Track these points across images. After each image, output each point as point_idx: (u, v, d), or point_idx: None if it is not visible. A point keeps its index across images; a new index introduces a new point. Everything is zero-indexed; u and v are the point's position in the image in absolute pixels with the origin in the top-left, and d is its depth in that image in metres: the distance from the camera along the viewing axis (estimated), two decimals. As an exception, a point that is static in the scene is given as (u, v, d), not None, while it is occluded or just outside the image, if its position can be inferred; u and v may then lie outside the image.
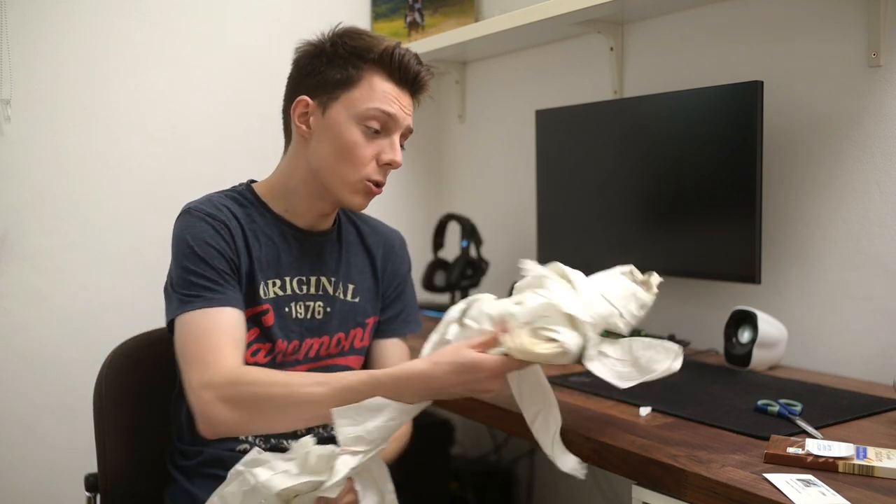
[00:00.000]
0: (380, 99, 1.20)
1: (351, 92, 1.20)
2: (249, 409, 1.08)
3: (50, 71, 1.90)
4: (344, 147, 1.21)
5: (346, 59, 1.21)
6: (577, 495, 2.12)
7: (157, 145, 2.04)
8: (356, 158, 1.21)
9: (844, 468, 0.97)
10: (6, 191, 1.86)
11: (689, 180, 1.63)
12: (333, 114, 1.21)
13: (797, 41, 1.57)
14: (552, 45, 2.14)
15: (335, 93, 1.21)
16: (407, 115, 1.25)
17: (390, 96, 1.21)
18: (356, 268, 1.35)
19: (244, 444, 1.23)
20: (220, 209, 1.23)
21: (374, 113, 1.20)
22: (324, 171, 1.23)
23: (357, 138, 1.20)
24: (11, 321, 1.88)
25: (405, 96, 1.25)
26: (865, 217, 1.48)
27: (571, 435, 1.16)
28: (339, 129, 1.21)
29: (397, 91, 1.23)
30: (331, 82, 1.21)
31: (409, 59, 1.23)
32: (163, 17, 2.05)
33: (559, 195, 1.96)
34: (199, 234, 1.19)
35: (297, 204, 1.27)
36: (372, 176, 1.23)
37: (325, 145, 1.22)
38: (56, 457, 1.91)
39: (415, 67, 1.23)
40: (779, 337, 1.51)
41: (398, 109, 1.22)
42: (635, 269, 1.14)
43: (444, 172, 2.62)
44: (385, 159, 1.23)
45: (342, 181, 1.22)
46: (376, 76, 1.21)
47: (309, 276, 1.28)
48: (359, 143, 1.21)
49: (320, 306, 1.29)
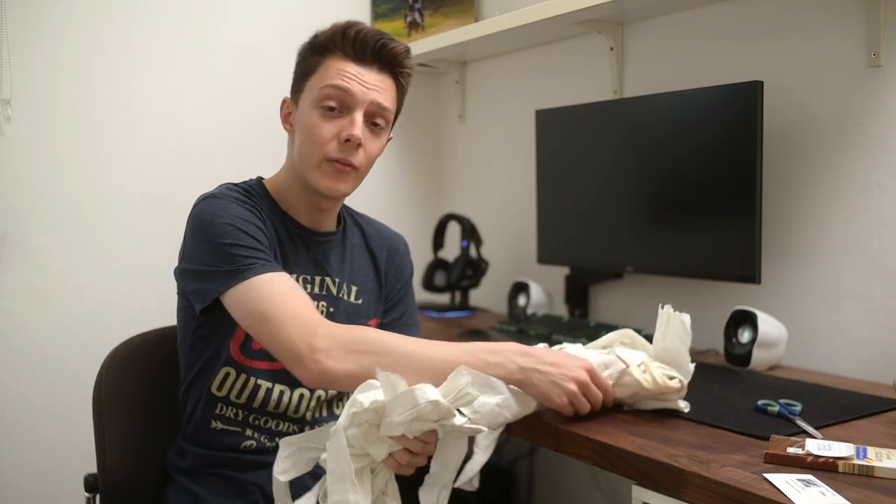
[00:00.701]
0: (332, 76, 1.21)
1: (311, 79, 1.24)
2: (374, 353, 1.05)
3: (50, 71, 1.90)
4: (306, 132, 1.22)
5: (310, 53, 1.25)
6: (577, 495, 2.12)
7: (157, 145, 2.04)
8: (316, 139, 1.21)
9: (844, 468, 0.97)
10: (6, 191, 1.86)
11: (689, 180, 1.63)
12: (301, 105, 1.25)
13: (797, 41, 1.57)
14: (552, 45, 2.14)
15: (301, 85, 1.25)
16: (368, 90, 1.22)
17: (346, 73, 1.21)
18: (360, 270, 1.35)
19: (250, 441, 1.23)
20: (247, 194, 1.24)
21: (328, 91, 1.21)
22: (297, 161, 1.25)
23: (315, 120, 1.21)
24: (11, 321, 1.88)
25: (369, 72, 1.23)
26: (865, 217, 1.48)
27: (572, 435, 1.16)
28: (303, 117, 1.23)
29: (357, 67, 1.22)
30: (299, 77, 1.27)
31: (366, 34, 1.23)
32: (163, 17, 2.05)
33: (559, 195, 1.96)
34: (235, 213, 1.18)
35: (295, 200, 1.29)
36: (331, 154, 1.21)
37: (298, 137, 1.25)
38: (56, 457, 1.91)
39: (374, 40, 1.22)
40: (779, 337, 1.51)
41: (355, 84, 1.21)
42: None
43: (444, 172, 2.62)
44: (344, 135, 1.21)
45: (308, 165, 1.23)
46: (335, 58, 1.23)
47: (314, 276, 1.29)
48: (317, 125, 1.21)
49: (324, 306, 1.29)
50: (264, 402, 1.23)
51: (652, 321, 1.23)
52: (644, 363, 1.19)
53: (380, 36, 1.23)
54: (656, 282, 1.88)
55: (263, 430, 1.24)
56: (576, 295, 2.02)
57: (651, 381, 1.17)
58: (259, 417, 1.24)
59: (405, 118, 2.54)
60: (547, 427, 1.20)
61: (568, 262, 1.99)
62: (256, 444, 1.24)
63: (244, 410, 1.24)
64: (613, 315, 2.00)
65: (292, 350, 1.06)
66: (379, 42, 1.23)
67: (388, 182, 2.51)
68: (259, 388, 1.23)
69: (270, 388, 1.23)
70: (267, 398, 1.23)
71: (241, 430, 1.24)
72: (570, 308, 2.04)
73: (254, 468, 1.23)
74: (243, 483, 1.22)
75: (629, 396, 1.21)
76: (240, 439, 1.23)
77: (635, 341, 1.27)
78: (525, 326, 1.87)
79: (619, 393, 1.21)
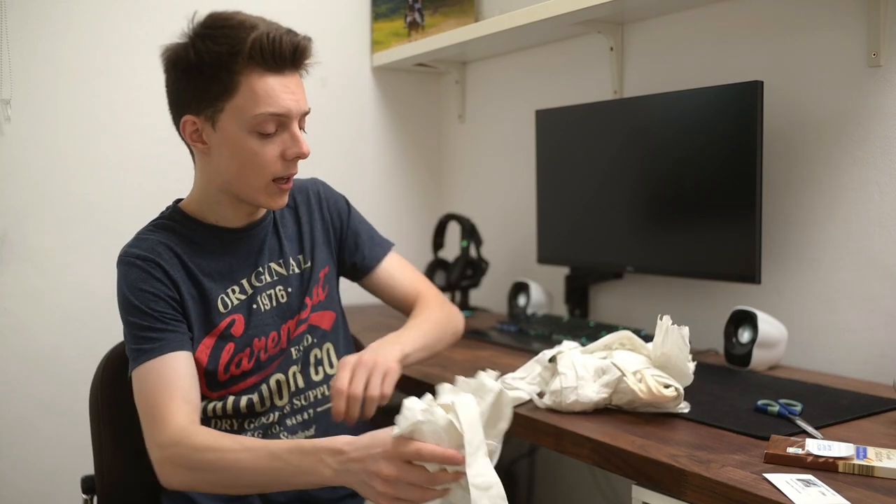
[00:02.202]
0: (265, 101, 1.13)
1: (233, 100, 1.14)
2: (193, 470, 1.08)
3: (50, 71, 1.90)
4: (245, 158, 1.16)
5: (216, 66, 1.12)
6: (577, 495, 2.12)
7: (157, 145, 2.04)
8: (260, 165, 1.17)
9: (844, 468, 0.97)
10: (6, 191, 1.86)
11: (689, 180, 1.63)
12: (224, 126, 1.15)
13: (797, 41, 1.57)
14: (552, 45, 2.14)
15: (217, 105, 1.14)
16: (298, 101, 1.17)
17: (275, 92, 1.14)
18: (295, 236, 1.34)
19: None
20: (149, 247, 1.21)
21: (264, 118, 1.14)
22: (233, 183, 1.20)
23: (254, 146, 1.16)
24: (11, 321, 1.88)
25: (290, 79, 1.16)
26: (865, 217, 1.48)
27: (572, 435, 1.16)
28: (235, 143, 1.16)
29: (280, 80, 1.15)
30: (209, 95, 1.14)
31: (280, 40, 1.13)
32: (163, 17, 2.05)
33: (559, 195, 1.96)
34: (132, 282, 1.19)
35: (224, 212, 1.25)
36: (279, 174, 1.19)
37: (227, 158, 1.18)
38: (54, 457, 1.91)
39: (288, 45, 1.14)
40: (779, 337, 1.51)
41: (288, 101, 1.15)
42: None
43: (444, 172, 2.62)
44: (290, 154, 1.18)
45: (252, 189, 1.20)
46: (252, 75, 1.13)
47: (262, 266, 1.29)
48: (258, 151, 1.16)
49: (281, 289, 1.29)
50: (251, 409, 1.25)
51: (652, 321, 1.24)
52: (640, 371, 1.20)
53: (289, 37, 1.15)
54: (656, 282, 1.88)
55: (257, 427, 1.25)
56: (576, 295, 2.02)
57: (646, 390, 1.18)
58: (253, 421, 1.25)
59: (405, 118, 2.56)
60: (547, 427, 1.21)
61: (568, 262, 1.99)
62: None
63: (237, 419, 1.25)
64: (613, 315, 2.00)
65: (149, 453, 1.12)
66: (292, 44, 1.14)
67: (388, 182, 2.51)
68: (240, 401, 1.24)
69: (251, 398, 1.25)
70: (250, 405, 1.24)
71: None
72: (570, 308, 2.04)
73: None
74: None
75: (626, 403, 1.22)
76: None
77: (634, 343, 1.27)
78: (525, 326, 1.87)
79: (616, 399, 1.22)
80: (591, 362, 1.24)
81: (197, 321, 1.21)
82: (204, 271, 1.23)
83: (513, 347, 1.73)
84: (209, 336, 1.21)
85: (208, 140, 1.18)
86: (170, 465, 1.09)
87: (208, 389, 1.23)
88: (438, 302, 1.42)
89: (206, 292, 1.22)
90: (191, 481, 1.09)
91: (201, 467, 1.06)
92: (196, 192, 1.27)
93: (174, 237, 1.23)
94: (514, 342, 1.76)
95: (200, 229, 1.25)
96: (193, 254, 1.23)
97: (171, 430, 1.09)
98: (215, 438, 1.08)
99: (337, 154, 2.36)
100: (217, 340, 1.22)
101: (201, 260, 1.23)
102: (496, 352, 1.67)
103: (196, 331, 1.21)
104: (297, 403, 1.28)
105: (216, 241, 1.25)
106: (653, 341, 1.22)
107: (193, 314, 1.21)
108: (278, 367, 1.27)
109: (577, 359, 1.25)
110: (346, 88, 2.39)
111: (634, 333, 1.30)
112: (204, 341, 1.21)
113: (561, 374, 1.24)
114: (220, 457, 1.05)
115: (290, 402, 1.28)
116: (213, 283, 1.23)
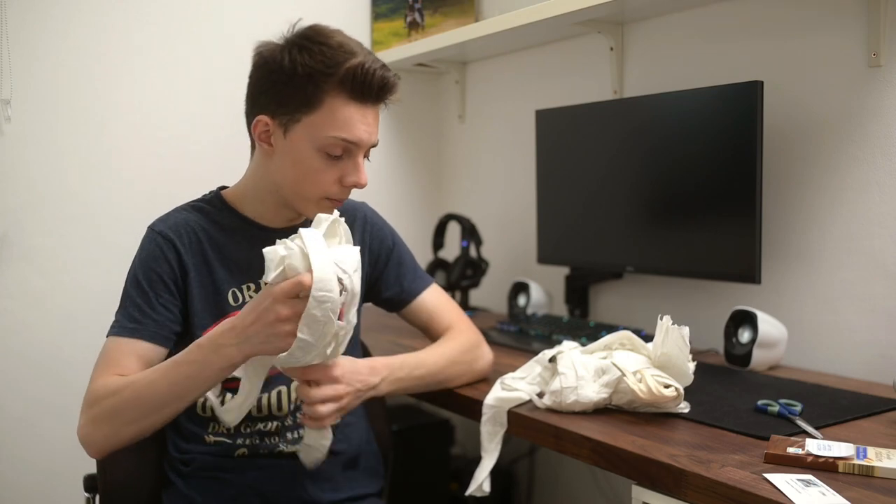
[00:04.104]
0: (341, 127, 1.16)
1: (312, 116, 1.16)
2: (113, 417, 1.11)
3: (50, 71, 1.90)
4: (305, 171, 1.19)
5: (306, 79, 1.15)
6: (576, 495, 2.12)
7: (157, 145, 2.04)
8: (317, 182, 1.20)
9: (844, 468, 0.97)
10: (6, 191, 1.86)
11: (689, 180, 1.63)
12: (295, 137, 1.18)
13: (797, 41, 1.57)
14: (552, 45, 2.14)
15: (295, 115, 1.17)
16: (371, 134, 1.20)
17: (353, 120, 1.17)
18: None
19: (242, 450, 1.24)
20: (174, 225, 1.24)
21: (336, 141, 1.17)
22: (285, 188, 1.23)
23: (318, 164, 1.18)
24: (11, 321, 1.88)
25: (369, 111, 1.19)
26: (865, 217, 1.48)
27: (572, 435, 1.16)
28: (301, 154, 1.18)
29: (361, 110, 1.18)
30: (290, 104, 1.17)
31: (373, 74, 1.16)
32: (163, 17, 2.05)
33: (559, 195, 1.96)
34: (145, 257, 1.22)
35: (266, 210, 1.28)
36: (331, 195, 1.21)
37: (288, 165, 1.20)
38: (56, 456, 1.91)
39: (379, 81, 1.17)
40: (779, 337, 1.51)
41: (362, 132, 1.18)
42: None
43: (444, 172, 2.62)
44: (349, 182, 1.21)
45: (302, 198, 1.22)
46: (338, 98, 1.16)
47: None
48: (320, 169, 1.19)
49: None
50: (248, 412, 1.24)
51: (652, 321, 1.24)
52: (640, 371, 1.20)
53: (383, 74, 1.17)
54: (656, 282, 1.88)
55: (254, 433, 1.25)
56: (576, 295, 2.02)
57: (646, 390, 1.18)
58: (248, 426, 1.25)
59: (405, 118, 2.56)
60: (547, 427, 1.21)
61: (568, 262, 1.99)
62: (249, 451, 1.25)
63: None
64: (613, 315, 2.00)
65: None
66: (382, 80, 1.17)
67: (388, 182, 2.51)
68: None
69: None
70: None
71: (232, 441, 1.25)
72: (570, 308, 2.04)
73: (248, 469, 1.24)
74: (239, 486, 1.22)
75: (626, 403, 1.22)
76: (233, 449, 1.24)
77: (634, 343, 1.27)
78: (525, 326, 1.87)
79: (616, 399, 1.23)
80: (591, 362, 1.24)
81: (205, 307, 1.23)
82: (222, 260, 1.24)
83: (513, 347, 1.73)
84: (216, 323, 1.21)
85: (275, 143, 1.20)
86: (91, 425, 1.13)
87: None
88: (466, 338, 1.42)
89: (217, 283, 1.24)
90: (115, 432, 1.12)
91: (120, 408, 1.11)
92: (243, 184, 1.30)
93: (205, 220, 1.26)
94: (514, 342, 1.76)
95: (234, 219, 1.27)
96: (218, 241, 1.25)
97: (89, 393, 1.15)
98: (126, 378, 1.14)
99: (337, 154, 2.36)
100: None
101: (224, 248, 1.25)
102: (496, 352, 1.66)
103: (201, 316, 1.23)
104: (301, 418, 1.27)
105: (245, 234, 1.27)
106: (653, 341, 1.23)
107: (200, 300, 1.23)
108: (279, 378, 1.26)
109: (577, 359, 1.25)
110: (346, 88, 2.39)
111: (634, 333, 1.30)
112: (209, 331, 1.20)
113: (561, 374, 1.24)
114: (133, 388, 1.10)
115: (293, 415, 1.27)
116: (229, 274, 1.25)
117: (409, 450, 1.92)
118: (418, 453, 2.00)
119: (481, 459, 1.30)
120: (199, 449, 1.25)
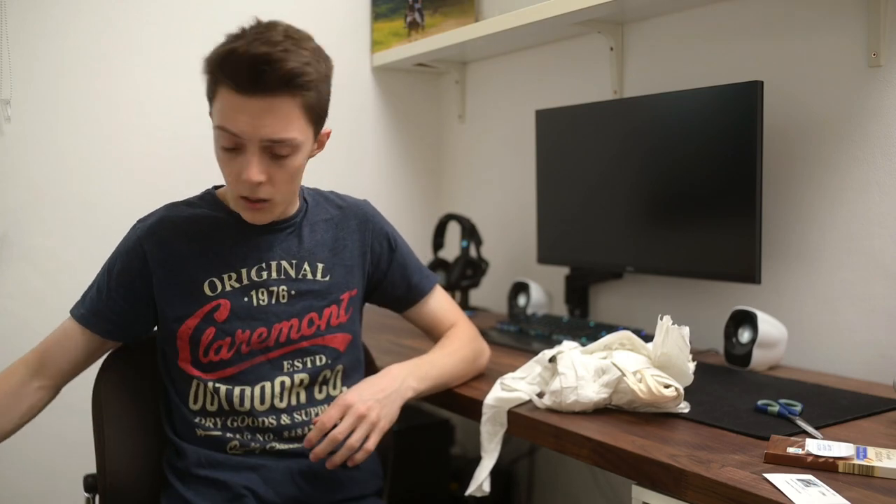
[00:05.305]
0: (223, 117, 1.13)
1: (212, 107, 1.18)
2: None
3: (50, 71, 1.90)
4: (219, 166, 1.21)
5: (206, 68, 1.16)
6: (576, 495, 2.12)
7: (157, 145, 2.04)
8: (226, 177, 1.21)
9: (844, 468, 0.97)
10: (6, 191, 1.86)
11: (689, 180, 1.63)
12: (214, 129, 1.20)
13: (797, 41, 1.57)
14: (552, 45, 2.14)
15: (210, 105, 1.19)
16: (257, 127, 1.11)
17: (233, 110, 1.11)
18: (325, 246, 1.33)
19: (234, 442, 1.24)
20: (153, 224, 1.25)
21: (220, 133, 1.15)
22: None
23: (221, 158, 1.19)
24: (11, 321, 1.88)
25: (258, 101, 1.10)
26: (865, 217, 1.48)
27: (572, 435, 1.16)
28: (215, 148, 1.20)
29: (242, 100, 1.10)
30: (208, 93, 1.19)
31: (241, 60, 1.08)
32: (163, 17, 2.05)
33: (559, 195, 1.96)
34: (122, 248, 1.26)
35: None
36: (240, 192, 1.19)
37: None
38: (56, 456, 1.91)
39: (248, 68, 1.08)
40: (779, 337, 1.51)
41: (243, 123, 1.11)
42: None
43: (444, 172, 2.62)
44: (242, 178, 1.15)
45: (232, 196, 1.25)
46: (223, 88, 1.12)
47: (269, 262, 1.28)
48: (223, 164, 1.19)
49: (284, 290, 1.29)
50: (231, 404, 1.25)
51: (652, 321, 1.24)
52: (640, 371, 1.20)
53: (258, 59, 1.08)
54: (656, 282, 1.88)
55: (242, 428, 1.25)
56: (576, 295, 2.03)
57: (646, 390, 1.18)
58: (235, 419, 1.25)
59: (405, 118, 2.56)
60: (547, 427, 1.21)
61: (568, 262, 1.99)
62: (240, 444, 1.25)
63: (220, 417, 1.25)
64: (613, 315, 2.00)
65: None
66: (256, 69, 1.08)
67: (388, 182, 2.51)
68: (219, 391, 1.24)
69: (231, 389, 1.25)
70: (230, 397, 1.24)
71: (221, 433, 1.25)
72: (570, 308, 2.04)
73: (244, 469, 1.24)
74: (235, 487, 1.22)
75: (626, 403, 1.22)
76: (225, 442, 1.24)
77: (634, 343, 1.27)
78: (525, 326, 1.87)
79: (616, 399, 1.23)
80: (591, 362, 1.24)
81: (181, 304, 1.24)
82: (203, 251, 1.25)
83: (513, 347, 1.73)
84: (193, 317, 1.23)
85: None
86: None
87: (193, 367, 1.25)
88: (469, 337, 1.44)
89: (191, 278, 1.24)
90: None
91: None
92: None
93: (190, 214, 1.27)
94: (514, 342, 1.76)
95: (221, 213, 1.28)
96: (200, 233, 1.25)
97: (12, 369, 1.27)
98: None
99: (337, 154, 2.36)
100: (199, 322, 1.23)
101: (206, 240, 1.25)
102: (496, 352, 1.67)
103: (178, 312, 1.24)
104: (298, 418, 1.27)
105: (230, 226, 1.27)
106: (653, 341, 1.23)
107: (172, 298, 1.24)
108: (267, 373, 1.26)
109: (577, 359, 1.25)
110: (345, 88, 2.39)
111: (634, 333, 1.30)
112: (187, 322, 1.23)
113: (561, 374, 1.24)
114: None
115: (290, 414, 1.27)
116: (208, 264, 1.25)
117: (409, 450, 1.92)
118: (418, 453, 2.00)
119: (481, 459, 1.30)
120: (191, 441, 1.25)
